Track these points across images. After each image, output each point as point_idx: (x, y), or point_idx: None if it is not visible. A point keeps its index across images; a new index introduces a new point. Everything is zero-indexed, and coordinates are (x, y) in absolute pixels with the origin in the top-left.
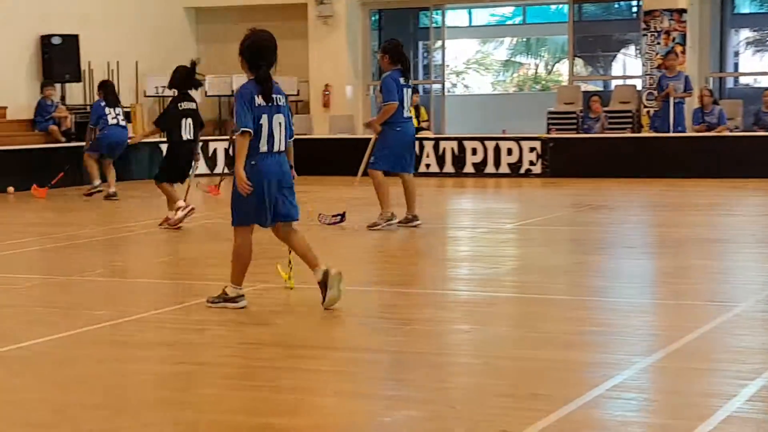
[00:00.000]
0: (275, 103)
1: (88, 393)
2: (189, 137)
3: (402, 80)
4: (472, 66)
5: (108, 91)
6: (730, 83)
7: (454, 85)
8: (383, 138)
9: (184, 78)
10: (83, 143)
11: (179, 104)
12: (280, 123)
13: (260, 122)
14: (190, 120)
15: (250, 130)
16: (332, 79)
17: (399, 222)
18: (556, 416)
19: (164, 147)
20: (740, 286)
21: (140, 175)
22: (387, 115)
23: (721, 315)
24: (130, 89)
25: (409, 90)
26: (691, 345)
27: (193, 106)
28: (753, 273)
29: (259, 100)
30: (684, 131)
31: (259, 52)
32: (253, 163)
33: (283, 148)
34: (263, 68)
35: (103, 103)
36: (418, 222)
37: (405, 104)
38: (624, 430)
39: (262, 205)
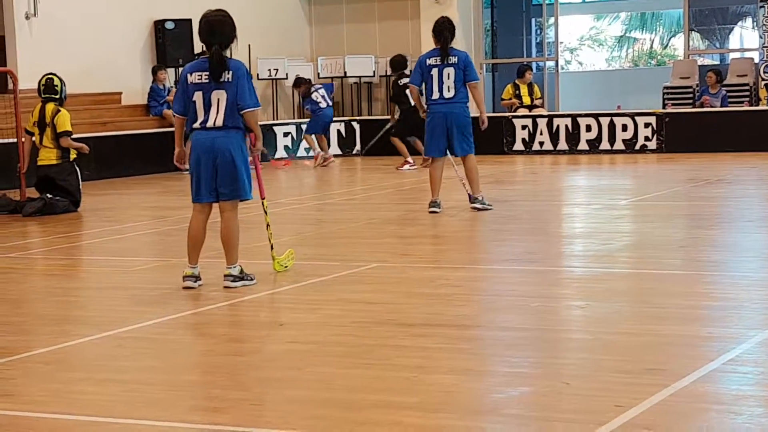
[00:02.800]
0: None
1: (202, 372)
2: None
3: (430, 61)
4: (586, 42)
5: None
6: None
7: (568, 62)
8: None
9: (398, 62)
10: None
11: (399, 81)
12: (218, 99)
13: (193, 99)
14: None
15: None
16: None
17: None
18: (671, 390)
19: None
20: None
21: None
22: (412, 96)
23: None
24: None
25: (447, 68)
26: None
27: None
28: None
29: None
30: None
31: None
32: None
33: (219, 124)
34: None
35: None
36: (480, 205)
37: (434, 86)
38: (740, 403)
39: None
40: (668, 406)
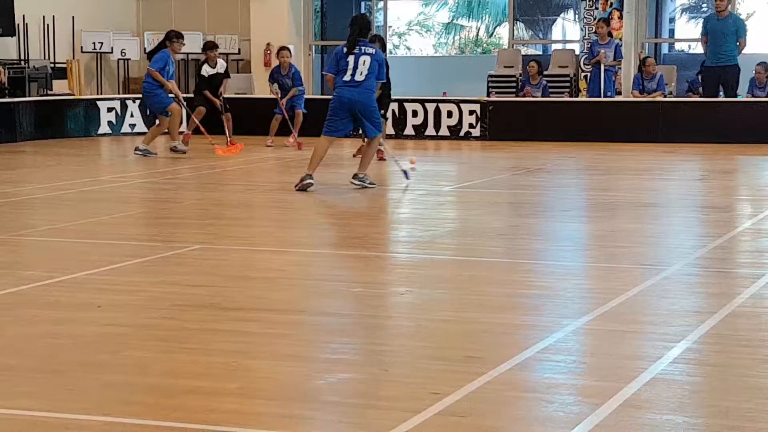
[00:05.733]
0: None
1: (14, 354)
2: None
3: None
4: (414, 27)
5: None
6: (665, 49)
7: (396, 47)
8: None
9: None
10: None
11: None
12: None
13: None
14: None
15: None
16: (274, 38)
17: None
18: (486, 378)
19: None
20: (670, 249)
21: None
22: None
23: (651, 278)
24: (68, 44)
25: (361, 57)
26: (619, 308)
27: None
28: (683, 237)
29: None
30: (613, 97)
31: None
32: None
33: None
34: None
35: None
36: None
37: (348, 71)
38: (552, 391)
39: None
40: (483, 393)
